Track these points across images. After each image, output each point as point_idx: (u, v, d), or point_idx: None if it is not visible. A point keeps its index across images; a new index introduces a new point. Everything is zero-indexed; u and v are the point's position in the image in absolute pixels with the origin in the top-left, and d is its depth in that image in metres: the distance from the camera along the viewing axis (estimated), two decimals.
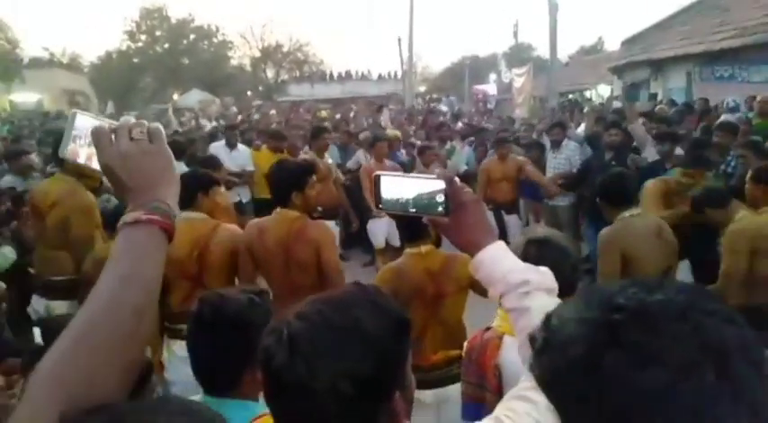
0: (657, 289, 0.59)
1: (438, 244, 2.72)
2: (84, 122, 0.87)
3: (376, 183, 1.05)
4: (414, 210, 1.02)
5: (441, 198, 1.00)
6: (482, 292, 2.86)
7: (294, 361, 0.83)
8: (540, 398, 0.74)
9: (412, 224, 2.60)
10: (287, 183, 2.86)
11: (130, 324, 0.73)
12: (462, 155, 7.25)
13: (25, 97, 21.06)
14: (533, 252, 1.75)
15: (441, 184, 1.00)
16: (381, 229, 5.82)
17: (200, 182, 3.08)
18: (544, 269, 1.03)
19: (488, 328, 1.95)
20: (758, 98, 7.01)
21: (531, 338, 0.63)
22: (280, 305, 2.60)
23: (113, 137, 0.82)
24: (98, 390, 0.68)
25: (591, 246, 5.55)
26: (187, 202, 2.96)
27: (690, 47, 11.54)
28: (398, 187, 1.03)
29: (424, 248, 2.64)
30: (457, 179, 1.02)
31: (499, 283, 0.98)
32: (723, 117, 7.54)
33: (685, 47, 11.75)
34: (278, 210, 2.92)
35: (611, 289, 0.60)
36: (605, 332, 0.55)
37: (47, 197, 3.31)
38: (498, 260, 0.99)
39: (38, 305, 3.34)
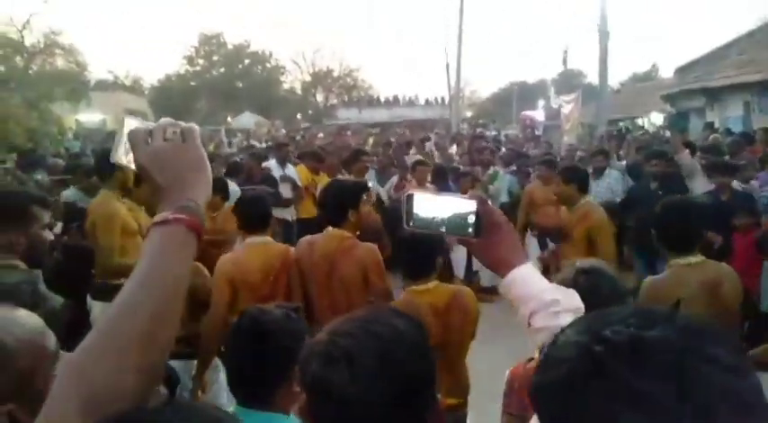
0: (660, 323, 0.56)
1: (446, 278, 2.65)
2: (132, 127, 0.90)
3: (408, 201, 1.06)
4: (444, 229, 1.04)
5: (471, 219, 1.01)
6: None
7: (356, 378, 0.86)
8: None
9: (418, 261, 2.55)
10: (345, 201, 2.87)
11: (147, 325, 0.72)
12: (505, 181, 7.22)
13: (90, 117, 22.30)
14: (583, 282, 1.70)
15: (472, 206, 1.01)
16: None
17: (269, 207, 3.22)
18: (571, 291, 1.05)
19: (531, 359, 1.90)
20: None
21: (540, 350, 0.64)
22: (317, 325, 2.63)
23: (149, 138, 0.84)
24: (115, 387, 0.69)
25: (639, 277, 5.40)
26: (260, 225, 3.05)
27: (748, 76, 11.17)
28: (430, 206, 1.05)
29: (431, 284, 2.55)
30: (489, 201, 1.04)
31: (532, 302, 0.99)
32: None
33: (743, 75, 11.38)
34: (329, 229, 2.91)
35: (611, 317, 0.59)
36: (587, 361, 0.56)
37: (89, 208, 3.62)
38: (530, 279, 1.01)
39: (90, 303, 3.55)
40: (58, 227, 4.16)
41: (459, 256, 5.85)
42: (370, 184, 6.10)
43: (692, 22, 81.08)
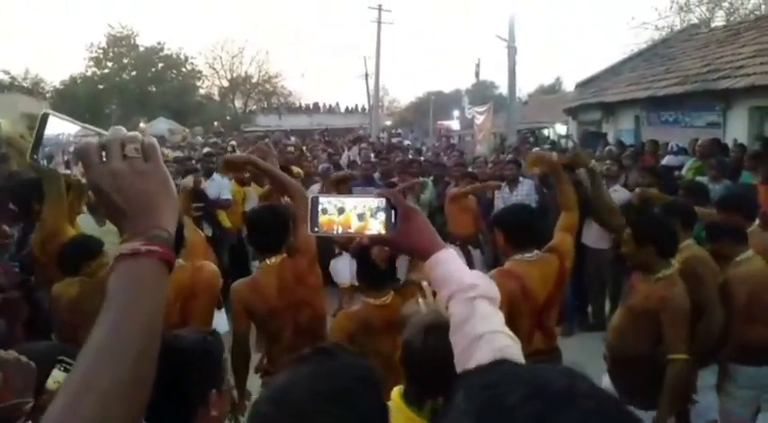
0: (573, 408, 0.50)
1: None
2: (59, 128, 0.80)
3: (313, 205, 1.00)
4: (353, 231, 1.01)
5: (381, 216, 0.99)
6: None
7: None
8: None
9: (378, 271, 2.62)
10: (284, 228, 2.82)
11: (133, 369, 0.65)
12: (432, 192, 7.12)
13: None
14: (431, 341, 1.56)
15: (381, 202, 1.00)
16: (345, 267, 5.60)
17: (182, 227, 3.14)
18: (490, 280, 1.06)
19: None
20: (698, 142, 7.60)
21: None
22: (284, 343, 2.76)
23: (104, 154, 0.74)
24: None
25: None
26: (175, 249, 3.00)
27: (637, 92, 12.28)
28: (336, 209, 1.00)
29: (388, 299, 2.61)
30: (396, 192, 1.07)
31: (453, 283, 1.00)
32: (666, 159, 8.13)
33: (633, 92, 12.51)
34: (261, 264, 2.83)
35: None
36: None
37: None
38: (453, 262, 1.03)
39: None
40: None
41: (342, 263, 5.65)
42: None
43: (593, 40, 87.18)
